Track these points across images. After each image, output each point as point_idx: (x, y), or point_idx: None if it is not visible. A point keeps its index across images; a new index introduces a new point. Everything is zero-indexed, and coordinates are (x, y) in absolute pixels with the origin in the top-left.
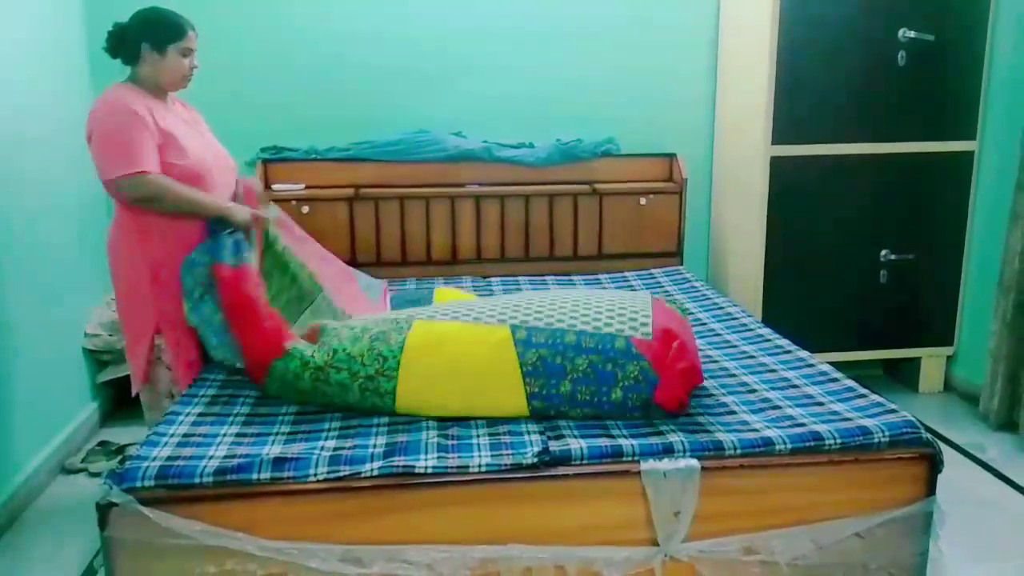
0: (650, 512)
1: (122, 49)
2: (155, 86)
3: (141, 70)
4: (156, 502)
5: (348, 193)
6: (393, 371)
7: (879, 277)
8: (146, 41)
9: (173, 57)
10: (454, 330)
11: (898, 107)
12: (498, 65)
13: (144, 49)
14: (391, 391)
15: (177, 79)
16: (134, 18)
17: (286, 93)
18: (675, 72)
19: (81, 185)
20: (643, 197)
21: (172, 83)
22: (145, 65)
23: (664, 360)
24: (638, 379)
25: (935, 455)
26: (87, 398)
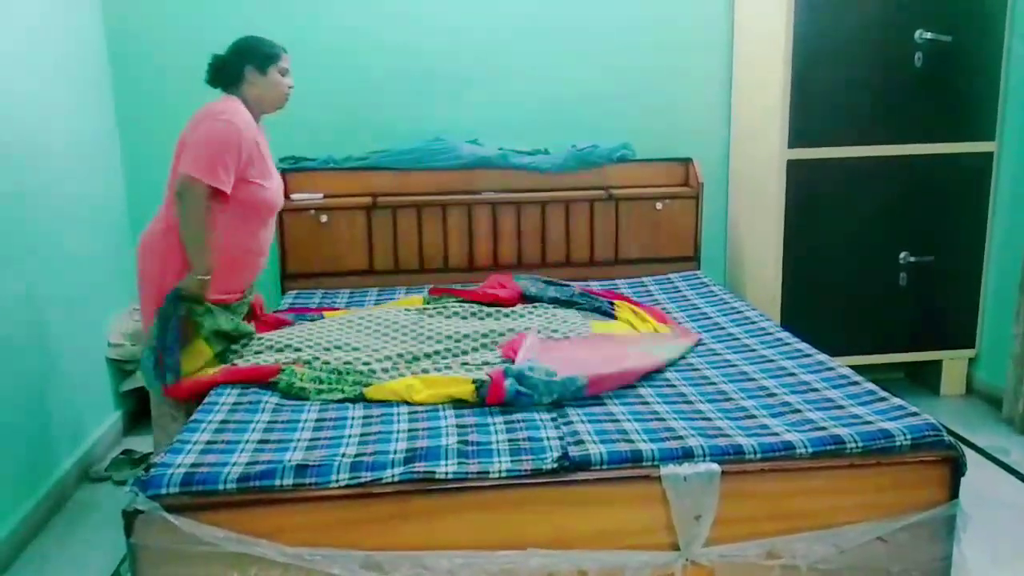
0: (670, 516)
1: (224, 74)
2: (257, 106)
3: (245, 93)
4: (181, 509)
5: (366, 202)
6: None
7: (899, 279)
8: (250, 64)
9: (274, 76)
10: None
11: (915, 109)
12: (513, 72)
13: (248, 71)
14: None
15: (280, 97)
16: (234, 46)
17: (304, 103)
18: (690, 76)
19: (103, 197)
20: (659, 202)
21: (276, 101)
22: (249, 87)
23: None
24: None
25: (958, 458)
26: (111, 407)
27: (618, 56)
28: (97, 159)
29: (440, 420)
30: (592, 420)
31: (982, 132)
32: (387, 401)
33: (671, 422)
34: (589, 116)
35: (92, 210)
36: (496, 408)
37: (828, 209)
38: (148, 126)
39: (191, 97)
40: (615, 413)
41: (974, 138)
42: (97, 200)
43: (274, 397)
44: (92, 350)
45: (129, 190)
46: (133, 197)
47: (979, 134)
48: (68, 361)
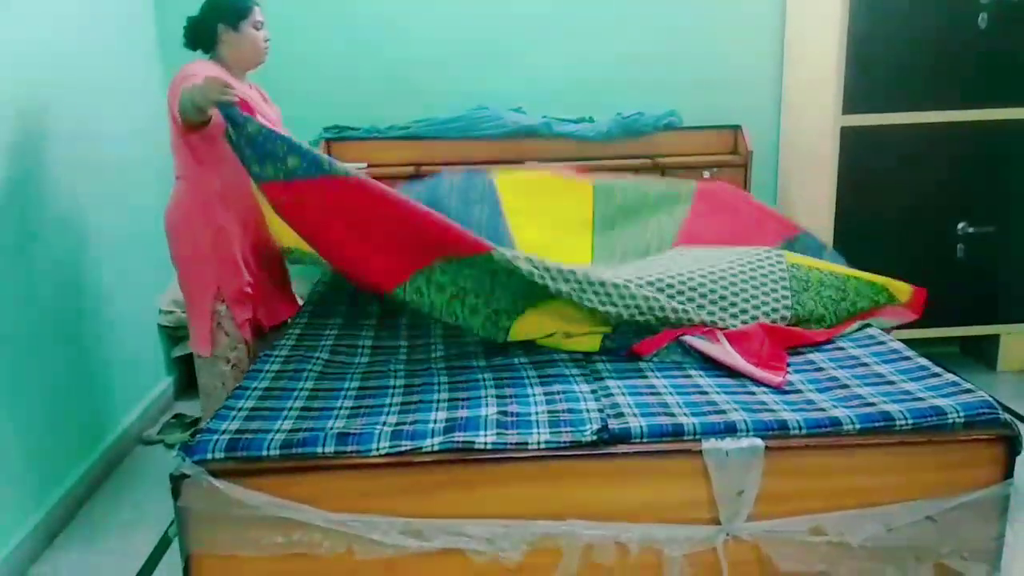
0: (712, 491)
1: (200, 38)
2: (236, 65)
3: (221, 52)
4: (226, 474)
5: (409, 171)
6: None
7: (956, 251)
8: (221, 23)
9: (248, 32)
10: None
11: (978, 72)
12: (557, 39)
13: (220, 31)
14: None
15: (258, 51)
16: (203, 7)
17: (347, 73)
18: (739, 39)
19: (156, 171)
20: (707, 171)
21: (254, 56)
22: (224, 46)
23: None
24: None
25: (1014, 436)
26: (162, 372)
27: (664, 19)
28: (149, 135)
29: (480, 390)
30: (633, 392)
31: None
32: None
33: (714, 395)
34: (635, 83)
35: (149, 180)
36: (536, 379)
37: (883, 177)
38: None
39: None
40: (656, 386)
41: None
42: (150, 172)
43: (318, 366)
44: (144, 317)
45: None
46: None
47: None
48: (121, 328)
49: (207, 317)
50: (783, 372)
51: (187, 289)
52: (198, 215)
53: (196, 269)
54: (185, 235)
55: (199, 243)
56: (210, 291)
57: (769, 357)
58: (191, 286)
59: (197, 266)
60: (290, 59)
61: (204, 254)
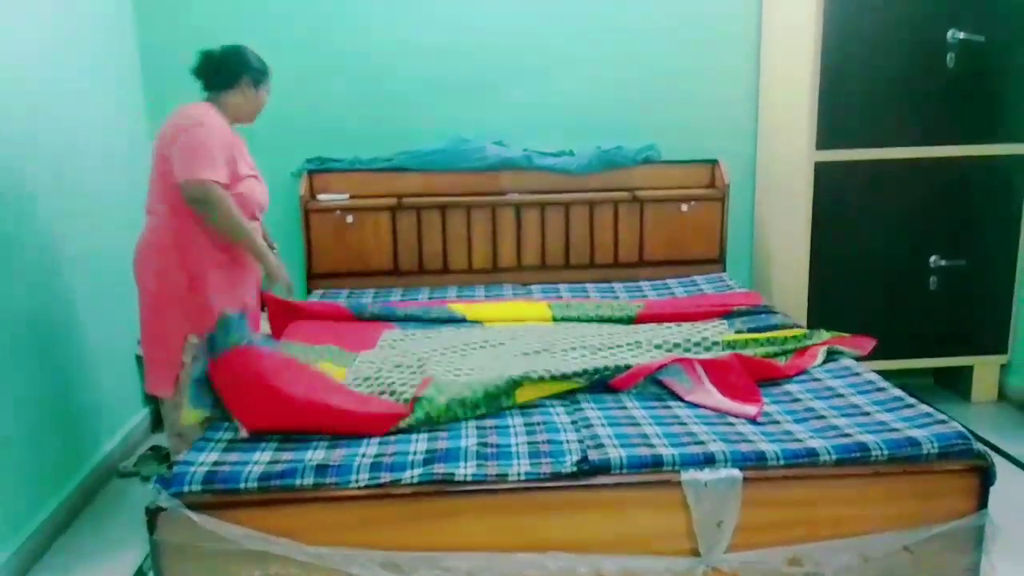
0: (691, 522)
1: (218, 77)
2: (233, 115)
3: (228, 98)
4: (203, 507)
5: (391, 203)
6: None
7: (929, 283)
8: (247, 75)
9: (262, 93)
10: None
11: (947, 110)
12: (538, 73)
13: (243, 81)
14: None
15: (256, 112)
16: (234, 53)
17: (330, 104)
18: (716, 77)
19: (135, 197)
20: (685, 204)
21: (252, 114)
22: (237, 95)
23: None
24: None
25: (987, 467)
26: (139, 404)
27: (644, 56)
28: (128, 158)
29: (460, 422)
30: (612, 423)
31: (1016, 133)
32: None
33: (693, 426)
34: (614, 117)
35: (124, 210)
36: (516, 409)
37: (857, 211)
38: None
39: None
40: (636, 416)
41: (1007, 139)
42: (128, 200)
43: None
44: (120, 348)
45: None
46: None
47: (1013, 135)
48: (97, 359)
49: (172, 358)
50: (759, 403)
51: (150, 328)
52: (171, 258)
53: (166, 309)
54: (154, 277)
55: (172, 283)
56: (179, 333)
57: (744, 389)
58: (156, 325)
59: (168, 307)
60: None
61: (177, 295)
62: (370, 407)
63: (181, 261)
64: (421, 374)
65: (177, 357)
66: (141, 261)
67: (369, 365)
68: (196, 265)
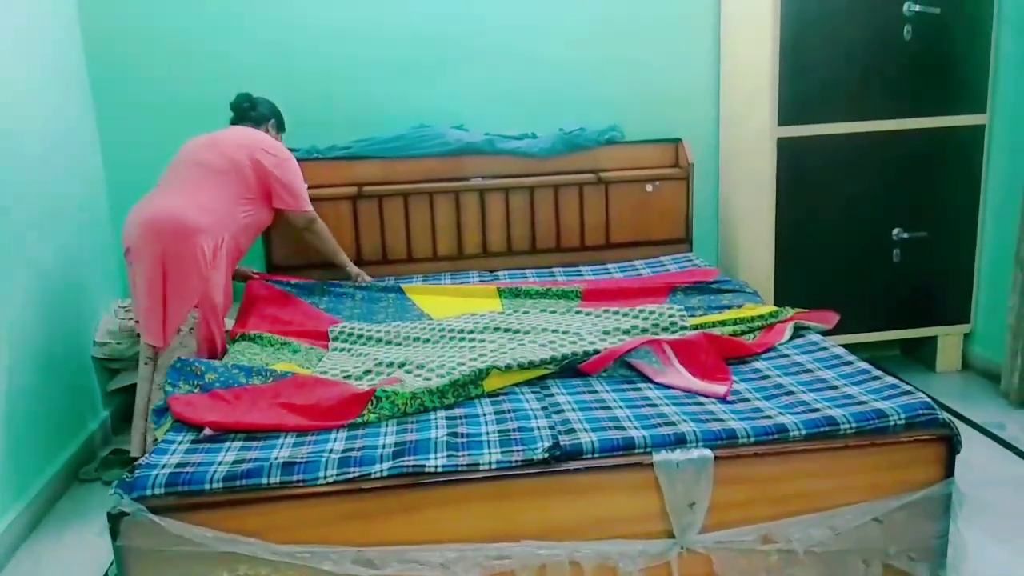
0: (664, 504)
1: (253, 114)
2: None
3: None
4: (167, 510)
5: (351, 191)
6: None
7: (892, 256)
8: (273, 119)
9: (279, 141)
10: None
11: (906, 83)
12: (498, 55)
13: (269, 125)
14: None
15: None
16: (269, 103)
17: (284, 94)
18: (678, 56)
19: (85, 196)
20: (649, 184)
21: None
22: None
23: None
24: None
25: (953, 436)
26: (99, 407)
27: (605, 37)
28: (77, 158)
29: (429, 413)
30: (583, 408)
31: (973, 104)
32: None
33: (663, 407)
34: (576, 99)
35: (75, 209)
36: (486, 398)
37: (820, 186)
38: (127, 124)
39: (169, 94)
40: (607, 400)
41: (965, 111)
42: (79, 199)
43: None
44: (79, 350)
45: (110, 189)
46: (114, 195)
47: (970, 106)
48: (55, 361)
49: (173, 320)
50: (728, 382)
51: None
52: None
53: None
54: (199, 246)
55: (205, 259)
56: (189, 303)
57: (713, 368)
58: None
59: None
60: (226, 80)
61: (204, 270)
62: (330, 396)
63: (221, 245)
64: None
65: (177, 321)
66: (183, 230)
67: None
68: (223, 257)
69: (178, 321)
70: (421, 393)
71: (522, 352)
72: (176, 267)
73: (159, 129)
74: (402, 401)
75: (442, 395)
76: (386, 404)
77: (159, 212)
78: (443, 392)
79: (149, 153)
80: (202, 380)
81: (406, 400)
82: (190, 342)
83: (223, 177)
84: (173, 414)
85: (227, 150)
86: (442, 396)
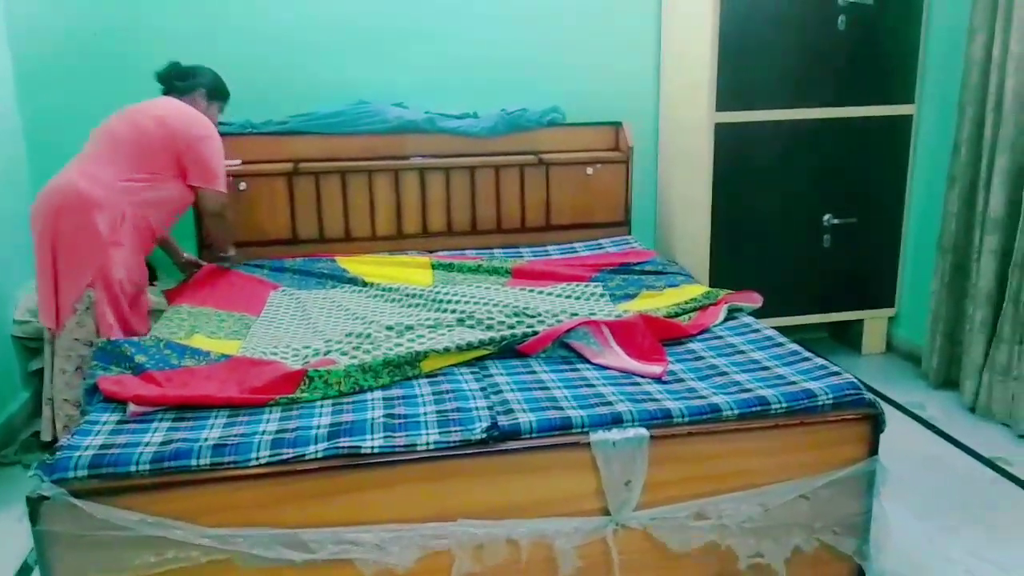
0: (601, 483)
1: (180, 84)
2: None
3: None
4: (90, 493)
5: (287, 168)
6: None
7: (823, 241)
8: (204, 88)
9: (211, 111)
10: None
11: (839, 72)
12: (439, 33)
13: (198, 93)
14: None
15: None
16: (199, 67)
17: (218, 66)
18: (619, 40)
19: (2, 170)
20: (590, 167)
21: None
22: (190, 103)
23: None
24: None
25: (877, 415)
26: (18, 388)
27: (548, 18)
28: None
29: (365, 393)
30: (522, 388)
31: (902, 95)
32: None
33: (600, 387)
34: (518, 79)
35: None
36: (424, 378)
37: (755, 172)
38: (48, 98)
39: (92, 65)
40: (545, 380)
41: (895, 101)
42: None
43: None
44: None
45: (30, 163)
46: (34, 169)
47: (899, 97)
48: None
49: (67, 301)
50: (664, 363)
51: (62, 265)
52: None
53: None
54: (92, 221)
55: (101, 235)
56: (82, 281)
57: (649, 349)
58: (68, 263)
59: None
60: (159, 53)
61: (100, 247)
62: (262, 375)
63: (122, 221)
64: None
65: (70, 300)
66: (73, 204)
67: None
68: (130, 233)
69: (71, 300)
70: (355, 372)
71: (460, 333)
72: (66, 243)
73: (82, 103)
74: (335, 380)
75: (376, 375)
76: (319, 384)
77: (51, 187)
78: (377, 372)
79: (71, 128)
80: (132, 362)
81: (339, 379)
82: (87, 321)
83: (126, 148)
84: (102, 391)
85: (141, 121)
86: (377, 376)
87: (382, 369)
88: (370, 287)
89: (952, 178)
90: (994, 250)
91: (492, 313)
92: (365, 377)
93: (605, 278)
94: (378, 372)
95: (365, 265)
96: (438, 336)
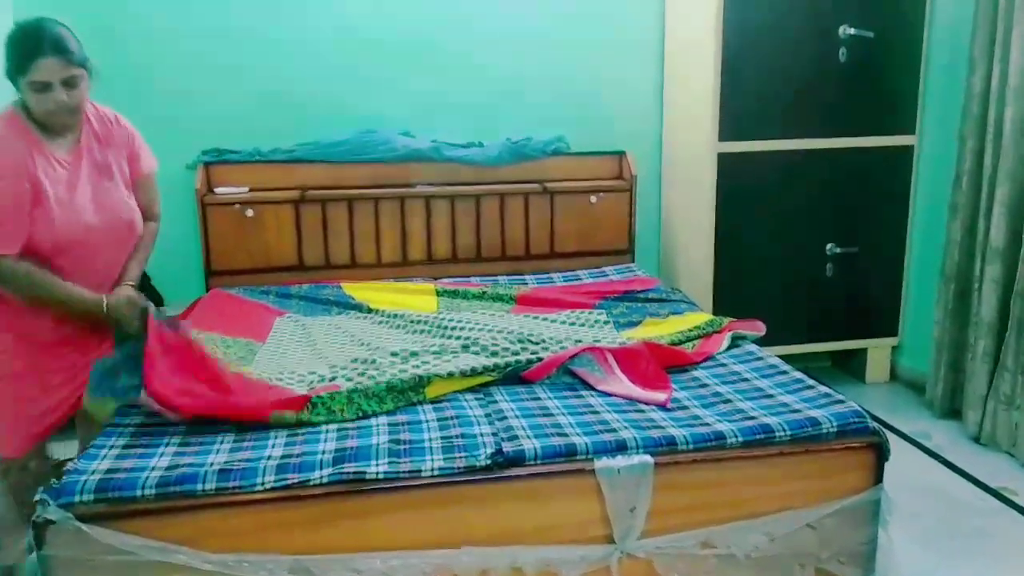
0: (605, 510)
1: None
2: (47, 121)
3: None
4: (96, 518)
5: (294, 195)
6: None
7: (825, 270)
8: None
9: (26, 93)
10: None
11: (840, 103)
12: (447, 64)
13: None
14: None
15: (43, 114)
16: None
17: (227, 93)
18: (623, 70)
19: None
20: (594, 195)
21: (43, 117)
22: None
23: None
24: None
25: (882, 444)
26: None
27: (552, 49)
28: None
29: (370, 419)
30: (526, 415)
31: (903, 126)
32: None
33: (605, 414)
34: (523, 109)
35: None
36: (429, 405)
37: (758, 201)
38: None
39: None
40: (549, 407)
41: (896, 131)
42: None
43: None
44: None
45: None
46: None
47: (900, 127)
48: None
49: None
50: (668, 390)
51: None
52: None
53: None
54: None
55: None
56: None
57: (654, 376)
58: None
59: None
60: (168, 79)
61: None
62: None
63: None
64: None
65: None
66: None
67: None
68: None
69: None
70: (358, 397)
71: (465, 359)
72: None
73: None
74: (339, 407)
75: (380, 400)
76: (322, 410)
77: None
78: (381, 398)
79: None
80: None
81: (342, 406)
82: None
83: None
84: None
85: None
86: (381, 401)
87: (386, 395)
88: (375, 313)
89: (954, 208)
90: (996, 279)
91: (496, 340)
92: (369, 403)
93: (609, 305)
94: (382, 398)
95: (371, 292)
96: (442, 362)
